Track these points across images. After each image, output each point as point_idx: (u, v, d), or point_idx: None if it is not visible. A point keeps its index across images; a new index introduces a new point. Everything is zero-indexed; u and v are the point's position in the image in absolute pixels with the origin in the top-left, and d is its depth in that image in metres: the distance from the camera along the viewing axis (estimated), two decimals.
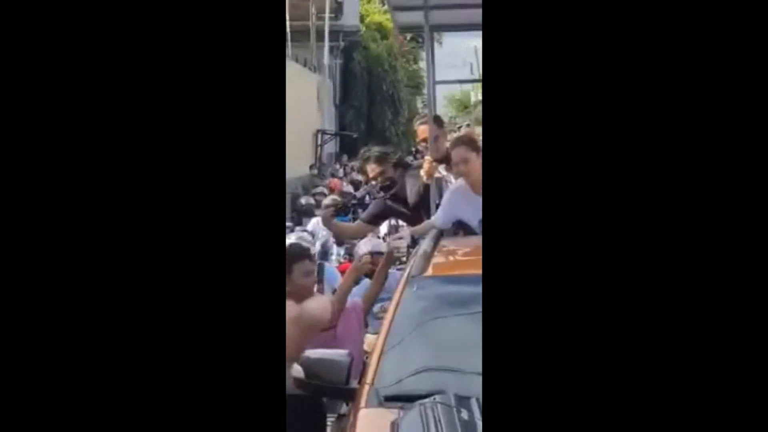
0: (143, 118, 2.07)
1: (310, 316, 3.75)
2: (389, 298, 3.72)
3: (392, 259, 4.70)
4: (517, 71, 2.06)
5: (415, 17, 5.92)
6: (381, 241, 6.30)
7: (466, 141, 4.83)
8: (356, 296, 4.68)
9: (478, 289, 3.29)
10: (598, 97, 2.03)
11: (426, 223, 4.78)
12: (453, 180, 5.02)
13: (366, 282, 4.89)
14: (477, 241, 4.40)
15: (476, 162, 4.56)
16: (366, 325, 4.41)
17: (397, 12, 6.49)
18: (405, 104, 25.26)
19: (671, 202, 1.99)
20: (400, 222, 6.57)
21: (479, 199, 4.39)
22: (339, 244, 7.58)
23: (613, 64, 2.04)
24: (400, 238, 4.78)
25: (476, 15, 6.99)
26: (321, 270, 5.96)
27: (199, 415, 2.04)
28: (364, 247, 5.74)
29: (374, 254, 5.49)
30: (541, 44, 2.06)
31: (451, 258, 3.95)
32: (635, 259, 1.99)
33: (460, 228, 4.66)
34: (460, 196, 4.66)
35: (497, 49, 2.10)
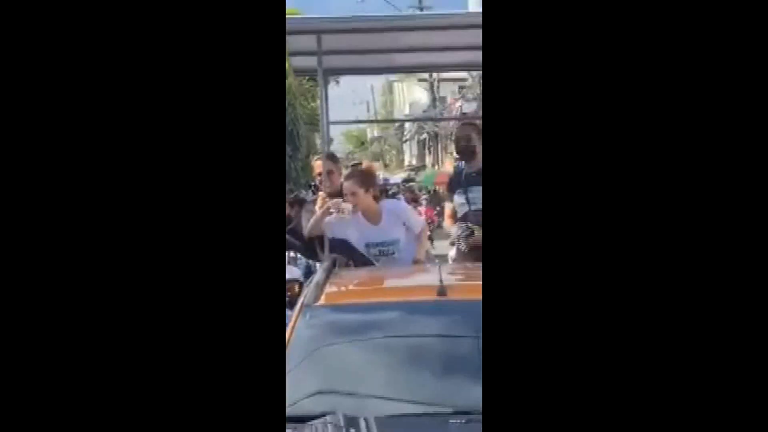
0: (143, 125, 2.08)
1: None
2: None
3: None
4: (516, 111, 2.12)
5: (310, 62, 6.16)
6: (294, 267, 6.50)
7: (354, 175, 5.22)
8: None
9: (368, 317, 3.50)
10: (591, 124, 2.07)
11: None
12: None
13: None
14: (367, 272, 4.77)
15: (363, 196, 5.07)
16: None
17: (292, 56, 6.68)
18: (304, 140, 25.31)
19: (670, 218, 2.02)
20: (298, 255, 6.78)
21: (367, 224, 5.08)
22: None
23: (602, 103, 2.07)
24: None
25: (367, 60, 7.30)
26: None
27: (198, 417, 2.06)
28: None
29: (289, 282, 5.74)
30: (538, 74, 2.11)
31: (342, 288, 4.13)
32: (636, 278, 2.02)
33: (351, 259, 4.94)
34: (350, 218, 5.09)
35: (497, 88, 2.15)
